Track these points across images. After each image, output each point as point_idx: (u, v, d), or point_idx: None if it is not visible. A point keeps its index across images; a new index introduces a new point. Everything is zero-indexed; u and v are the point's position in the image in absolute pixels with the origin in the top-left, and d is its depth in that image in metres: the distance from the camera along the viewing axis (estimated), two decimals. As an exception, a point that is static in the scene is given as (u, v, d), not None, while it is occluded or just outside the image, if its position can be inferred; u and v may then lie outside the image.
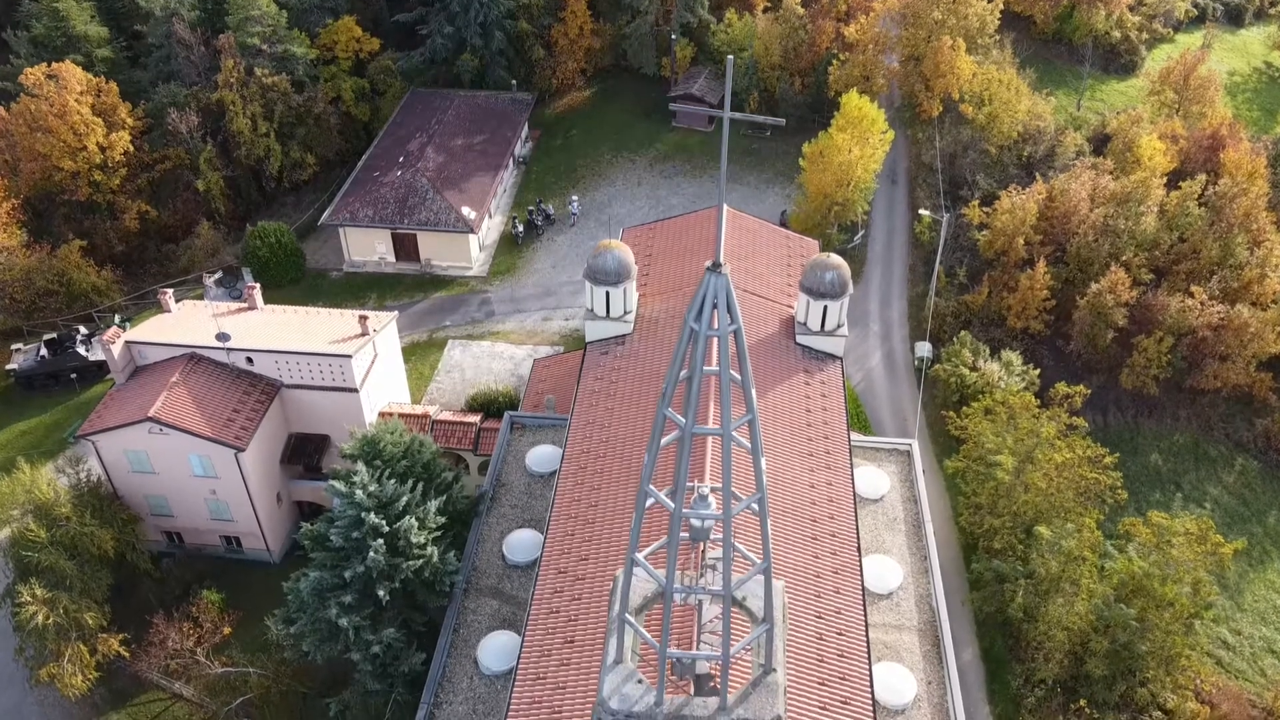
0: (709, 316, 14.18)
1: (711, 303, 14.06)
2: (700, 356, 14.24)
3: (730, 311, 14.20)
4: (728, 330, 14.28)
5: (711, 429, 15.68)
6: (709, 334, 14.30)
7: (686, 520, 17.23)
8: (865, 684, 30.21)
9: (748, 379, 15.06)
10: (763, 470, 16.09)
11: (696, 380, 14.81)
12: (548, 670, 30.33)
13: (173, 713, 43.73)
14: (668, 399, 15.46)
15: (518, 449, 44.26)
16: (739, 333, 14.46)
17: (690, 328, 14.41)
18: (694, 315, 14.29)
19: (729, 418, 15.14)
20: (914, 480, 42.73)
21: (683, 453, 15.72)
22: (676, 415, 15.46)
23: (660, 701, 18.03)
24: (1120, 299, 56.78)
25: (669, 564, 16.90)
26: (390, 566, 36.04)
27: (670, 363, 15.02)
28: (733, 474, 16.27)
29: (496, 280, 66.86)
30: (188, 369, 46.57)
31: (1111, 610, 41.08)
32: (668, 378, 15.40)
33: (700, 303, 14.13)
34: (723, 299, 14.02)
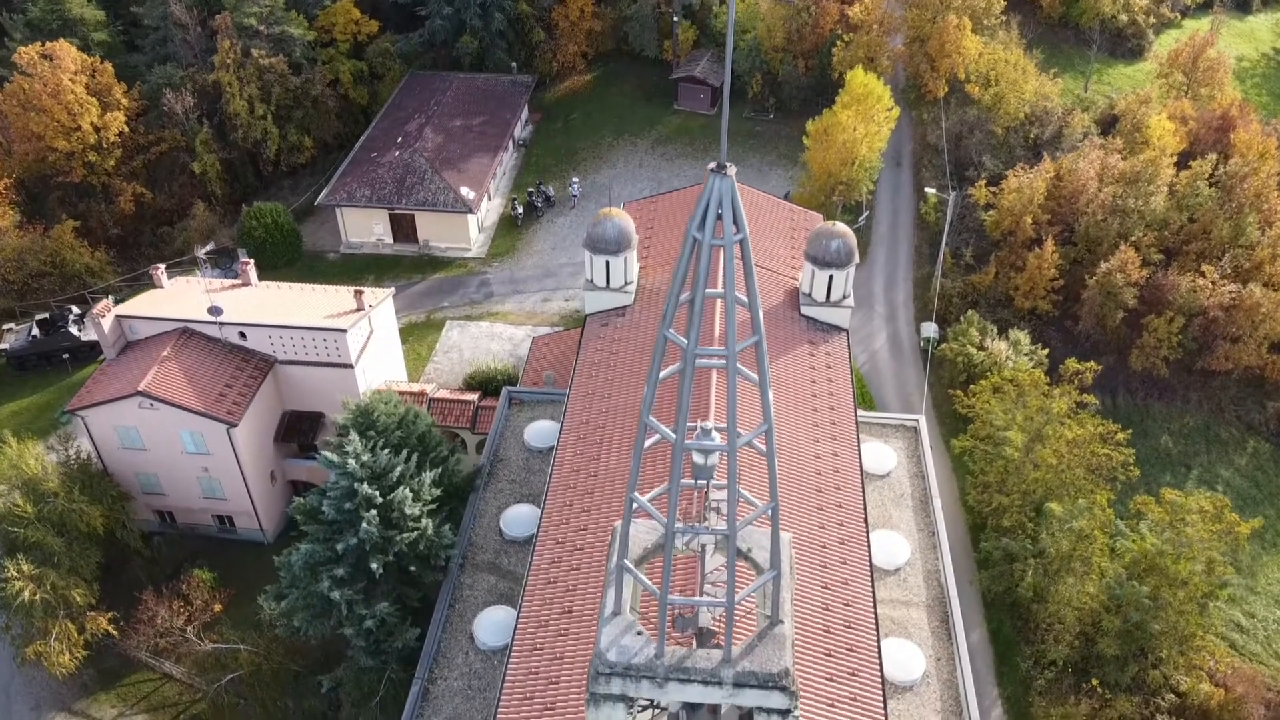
0: (713, 225, 13.21)
1: (716, 209, 13.10)
2: (704, 270, 13.29)
3: (736, 219, 13.23)
4: (733, 240, 13.33)
5: (715, 350, 14.67)
6: (713, 244, 13.34)
7: (689, 457, 16.28)
8: (873, 655, 29.24)
9: (754, 298, 14.09)
10: (770, 401, 15.13)
11: (699, 297, 13.84)
12: (545, 640, 29.37)
13: (162, 693, 42.79)
14: (668, 320, 14.50)
15: (516, 424, 43.30)
16: (745, 243, 13.50)
17: (693, 237, 13.45)
18: (696, 224, 13.32)
19: (733, 339, 14.17)
20: (921, 456, 41.72)
21: (685, 379, 14.75)
22: (678, 337, 14.49)
23: (661, 653, 17.07)
24: (1130, 278, 55.77)
25: (670, 502, 15.94)
26: (384, 539, 35.06)
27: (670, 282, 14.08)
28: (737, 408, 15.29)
29: (495, 261, 65.91)
30: (179, 344, 45.63)
31: (1124, 588, 40.06)
32: (668, 298, 14.45)
33: (704, 209, 13.16)
34: (728, 204, 13.04)
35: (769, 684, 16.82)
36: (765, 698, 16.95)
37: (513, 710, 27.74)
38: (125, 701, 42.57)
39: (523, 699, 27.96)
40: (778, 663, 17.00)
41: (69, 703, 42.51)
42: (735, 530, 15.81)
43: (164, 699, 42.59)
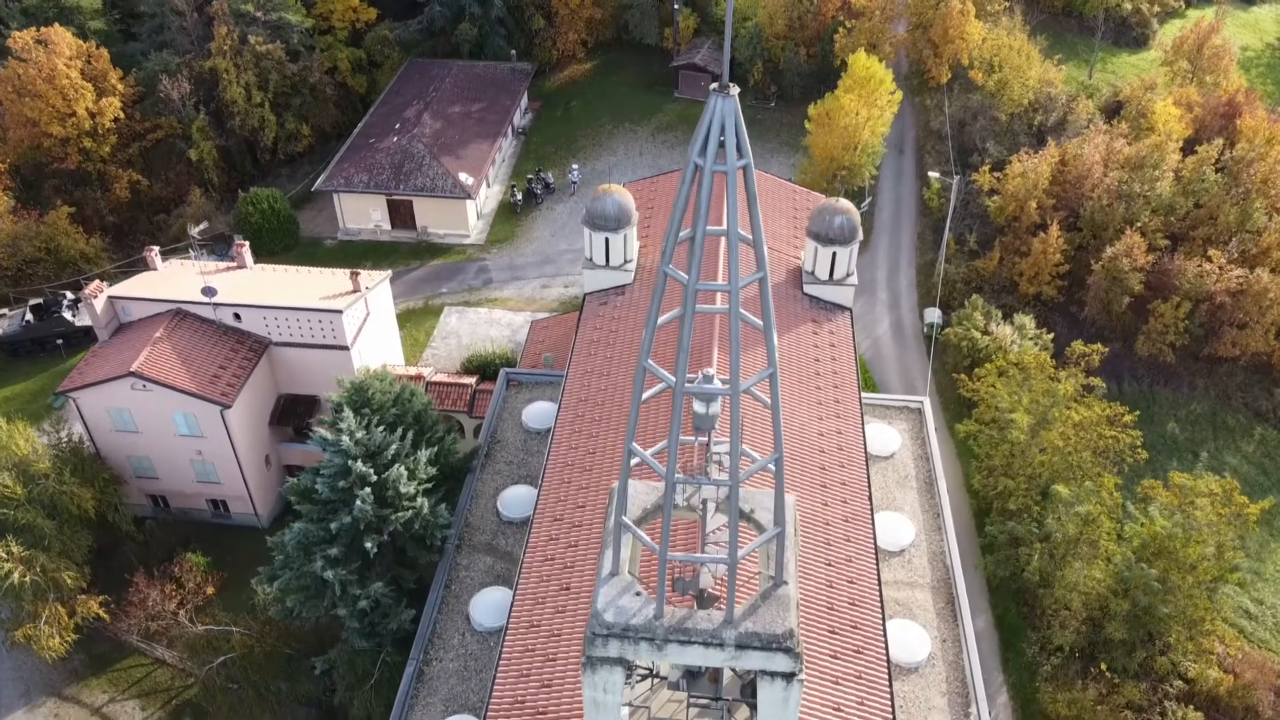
0: (714, 150, 12.53)
1: (718, 132, 12.43)
2: (706, 197, 12.61)
3: (740, 144, 12.56)
4: (736, 166, 12.67)
5: (718, 285, 13.98)
6: (715, 169, 12.65)
7: (689, 408, 15.62)
8: (879, 633, 28.55)
9: (758, 231, 13.42)
10: (774, 345, 14.45)
11: (700, 229, 13.17)
12: (542, 618, 28.70)
13: (154, 678, 42.13)
14: (668, 256, 13.83)
15: (514, 406, 42.64)
16: (749, 170, 12.83)
17: (694, 164, 12.78)
18: (697, 149, 12.65)
19: (736, 274, 13.49)
20: (926, 438, 41.04)
21: (686, 318, 14.07)
22: (678, 272, 13.82)
23: (660, 614, 16.39)
24: (1136, 263, 55.12)
25: (670, 450, 15.26)
26: (378, 518, 34.38)
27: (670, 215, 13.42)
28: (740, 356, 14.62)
29: (494, 248, 65.26)
30: (173, 325, 44.99)
31: (1133, 571, 39.36)
32: (667, 234, 13.79)
33: (705, 132, 12.49)
34: (730, 127, 12.37)
35: (773, 645, 16.15)
36: (769, 660, 16.29)
37: (509, 687, 27.07)
38: (116, 687, 41.90)
39: (519, 676, 27.29)
40: (782, 624, 16.33)
41: (59, 688, 41.84)
42: (738, 481, 15.15)
43: (155, 684, 41.93)
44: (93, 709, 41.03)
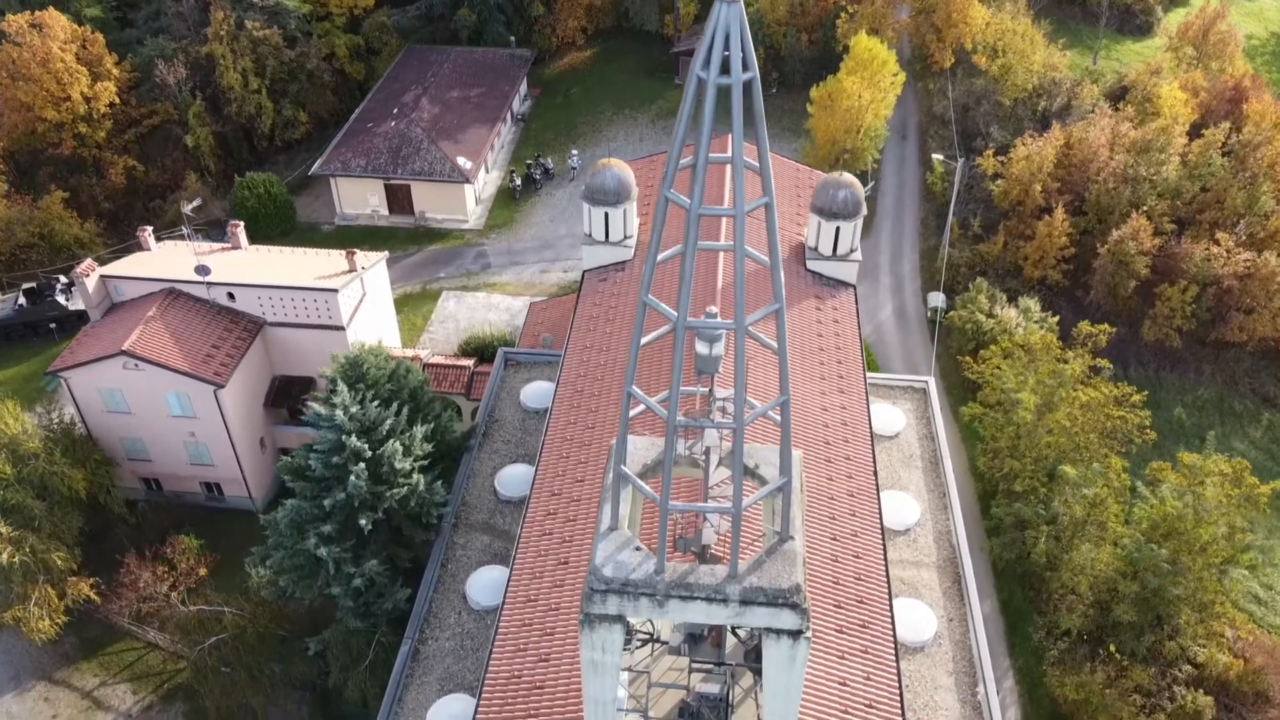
0: (719, 62, 11.85)
1: (723, 44, 11.73)
2: (710, 113, 11.92)
3: (746, 58, 11.88)
4: (741, 79, 11.99)
5: (722, 210, 13.28)
6: (719, 83, 11.96)
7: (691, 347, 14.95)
8: (885, 607, 27.87)
9: (764, 153, 12.72)
10: (781, 280, 13.77)
11: (704, 146, 12.48)
12: (539, 592, 28.01)
13: (146, 662, 41.43)
14: (669, 181, 13.14)
15: (512, 385, 41.95)
16: (754, 84, 12.17)
17: (697, 77, 12.10)
18: (701, 62, 11.96)
19: (742, 199, 12.80)
20: (931, 418, 40.35)
21: (689, 244, 13.38)
22: (679, 197, 13.13)
23: (661, 569, 15.71)
24: (1142, 246, 54.46)
25: (672, 392, 14.56)
26: (373, 495, 33.70)
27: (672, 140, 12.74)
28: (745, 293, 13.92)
29: (493, 233, 64.58)
30: (165, 304, 44.30)
31: (1142, 552, 38.64)
32: (668, 161, 13.10)
33: (709, 43, 11.81)
34: (736, 37, 11.68)
35: (779, 601, 15.47)
36: (774, 616, 15.61)
37: (505, 662, 26.38)
38: (108, 670, 41.21)
39: (516, 650, 26.61)
40: (788, 579, 15.65)
41: (49, 671, 41.14)
42: (743, 424, 14.45)
43: (148, 668, 41.24)
44: (83, 693, 40.35)
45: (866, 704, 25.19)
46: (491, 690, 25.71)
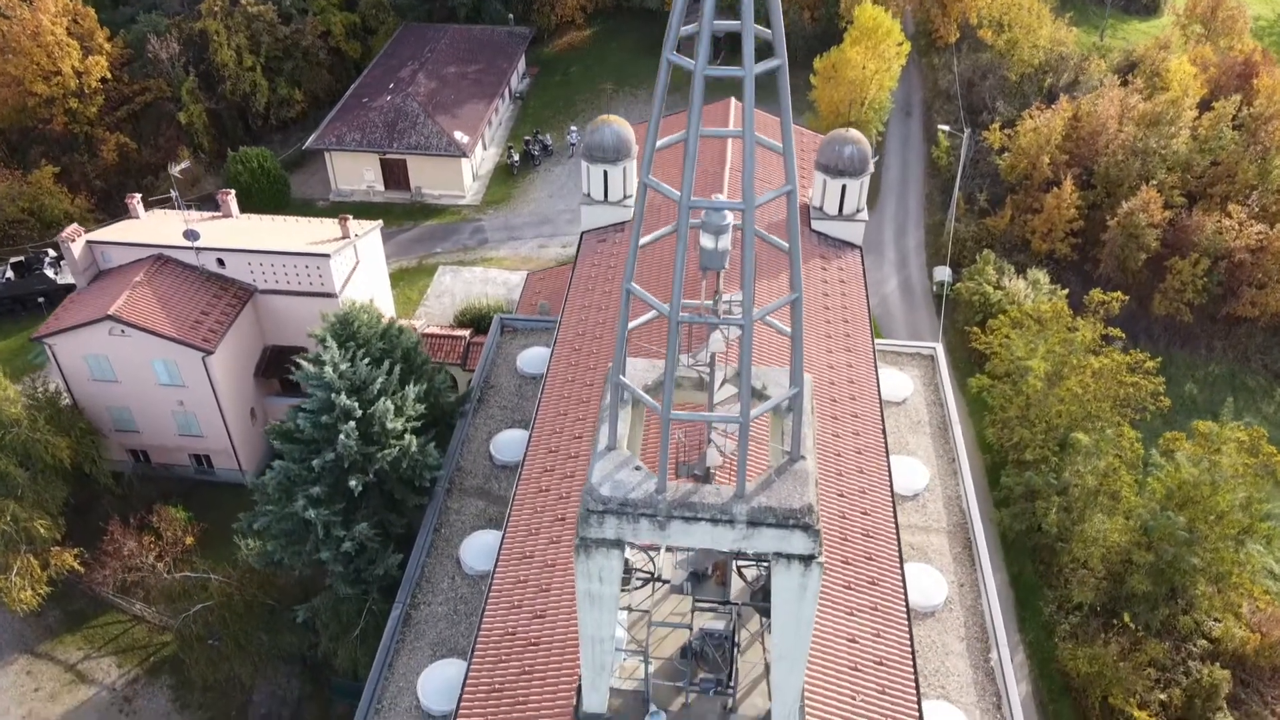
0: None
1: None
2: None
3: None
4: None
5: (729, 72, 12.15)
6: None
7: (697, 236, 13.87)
8: (894, 565, 26.77)
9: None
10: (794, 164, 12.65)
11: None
12: (536, 549, 26.91)
13: (131, 635, 40.28)
14: (670, 43, 12.07)
15: (508, 352, 40.83)
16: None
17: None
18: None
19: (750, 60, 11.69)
20: (939, 383, 39.22)
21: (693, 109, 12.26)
22: (682, 58, 12.02)
23: (663, 488, 14.60)
24: (1153, 219, 53.39)
25: (675, 285, 13.44)
26: (363, 456, 32.57)
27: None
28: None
29: (490, 209, 63.47)
30: (153, 270, 43.18)
31: (1158, 520, 37.49)
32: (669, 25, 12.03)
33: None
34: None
35: (789, 521, 14.36)
36: (784, 539, 14.50)
37: (499, 619, 25.28)
38: (92, 644, 40.07)
39: (510, 607, 25.50)
40: (799, 498, 14.54)
41: (32, 644, 40.00)
42: (751, 320, 13.33)
43: (133, 641, 40.10)
44: (66, 665, 39.20)
45: (876, 661, 24.10)
46: (485, 646, 24.61)
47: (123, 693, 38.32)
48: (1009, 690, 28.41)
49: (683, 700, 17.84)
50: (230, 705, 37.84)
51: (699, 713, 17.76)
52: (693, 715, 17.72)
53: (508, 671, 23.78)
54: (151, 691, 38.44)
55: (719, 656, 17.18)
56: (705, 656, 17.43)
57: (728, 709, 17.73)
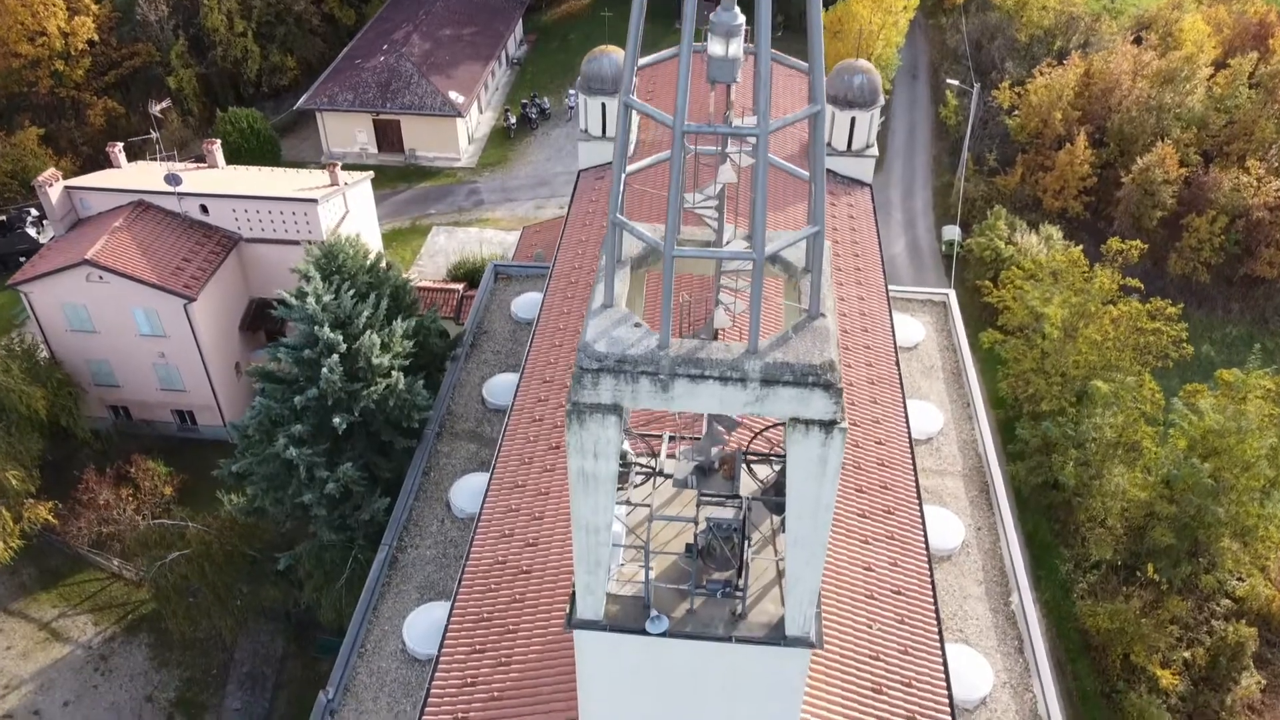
0: None
1: None
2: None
3: None
4: None
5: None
6: None
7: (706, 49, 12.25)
8: (912, 494, 25.14)
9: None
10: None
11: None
12: (529, 478, 25.28)
13: (109, 593, 38.63)
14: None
15: (503, 298, 39.18)
16: None
17: None
18: None
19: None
20: (952, 329, 37.61)
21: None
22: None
23: (666, 343, 12.96)
24: (1169, 175, 51.78)
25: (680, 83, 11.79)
26: (348, 394, 30.92)
27: None
28: None
29: (486, 171, 61.84)
30: (134, 215, 41.55)
31: (1182, 469, 35.81)
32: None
33: None
34: None
35: (809, 378, 12.72)
36: (803, 400, 12.87)
37: (489, 548, 23.63)
38: (67, 601, 38.41)
39: (500, 536, 23.85)
40: (820, 354, 12.91)
41: (4, 602, 38.33)
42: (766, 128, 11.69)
43: (110, 598, 38.45)
44: (41, 623, 37.55)
45: (894, 590, 22.45)
46: (473, 576, 22.96)
47: (99, 651, 36.69)
48: (1031, 633, 26.79)
49: (687, 606, 16.20)
50: (211, 663, 36.22)
51: (705, 619, 16.11)
52: (698, 621, 16.09)
53: (496, 601, 22.14)
54: (129, 650, 36.79)
55: (727, 551, 15.55)
56: (712, 553, 15.78)
57: (737, 615, 16.07)
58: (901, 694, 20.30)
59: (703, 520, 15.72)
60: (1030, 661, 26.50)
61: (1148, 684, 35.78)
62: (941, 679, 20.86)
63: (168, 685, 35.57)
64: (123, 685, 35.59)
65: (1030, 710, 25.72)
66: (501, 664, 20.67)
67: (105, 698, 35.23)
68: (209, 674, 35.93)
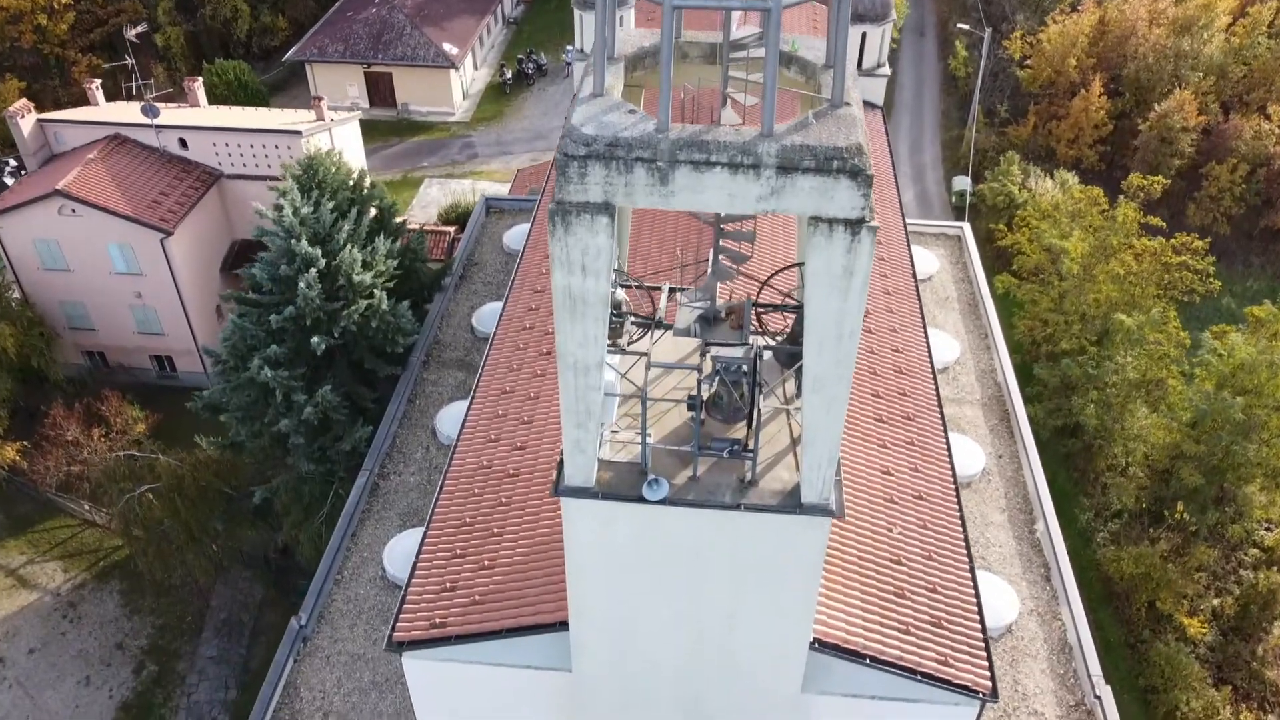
0: None
1: None
2: None
3: None
4: None
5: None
6: None
7: None
8: (932, 404, 23.27)
9: None
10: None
11: None
12: (517, 384, 23.39)
13: (80, 539, 36.74)
14: None
15: (494, 231, 37.29)
16: None
17: None
18: None
19: None
20: (967, 262, 35.71)
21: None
22: None
23: (665, 125, 11.08)
24: (1188, 122, 49.92)
25: None
26: (327, 314, 29.03)
27: None
28: None
29: (481, 126, 59.97)
30: (109, 148, 39.68)
31: (1212, 403, 33.88)
32: None
33: None
34: None
35: (833, 164, 10.84)
36: (826, 192, 10.98)
37: (473, 454, 21.73)
38: (36, 548, 36.53)
39: (486, 441, 21.95)
40: (845, 136, 11.03)
41: (-30, 548, 36.52)
42: None
43: (81, 545, 36.57)
44: (7, 570, 35.65)
45: (915, 496, 20.55)
46: (455, 481, 21.06)
47: (67, 598, 34.79)
48: (1059, 560, 24.91)
49: (690, 473, 14.33)
50: (186, 611, 34.33)
51: (710, 485, 14.24)
52: (702, 489, 14.22)
53: (480, 506, 20.25)
54: (99, 597, 34.90)
55: (736, 398, 13.65)
56: (719, 404, 13.90)
57: (746, 482, 14.20)
58: (926, 600, 18.40)
59: (708, 364, 13.80)
60: (1059, 590, 24.64)
61: (1175, 633, 33.92)
62: (969, 586, 18.95)
63: (139, 632, 33.68)
64: (92, 632, 33.70)
65: (1059, 638, 23.86)
66: (484, 568, 18.77)
67: (73, 645, 33.33)
68: (184, 621, 34.05)
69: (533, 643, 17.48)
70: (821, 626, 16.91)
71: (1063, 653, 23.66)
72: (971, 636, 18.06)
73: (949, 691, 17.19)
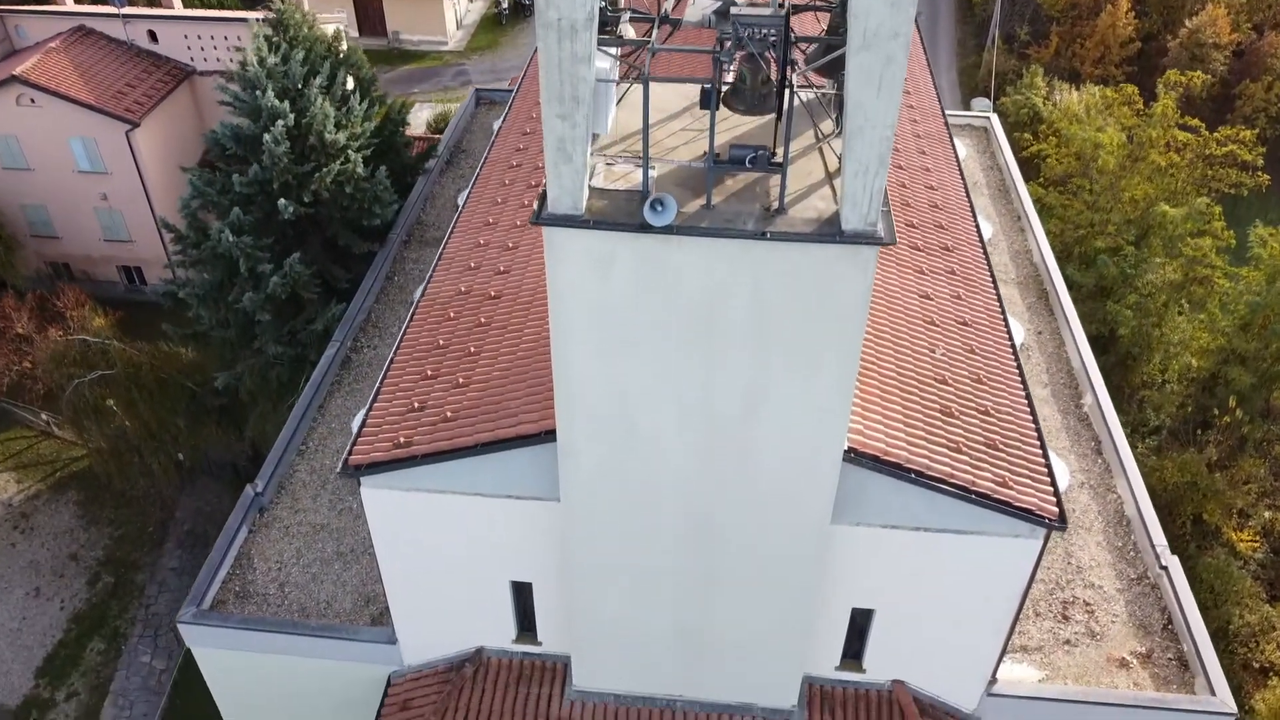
0: None
1: None
2: None
3: None
4: None
5: None
6: None
7: None
8: (971, 233, 20.59)
9: None
10: None
11: None
12: (500, 217, 20.72)
13: (37, 449, 34.05)
14: None
15: (484, 121, 34.64)
16: None
17: None
18: None
19: None
20: (996, 151, 33.00)
21: None
22: None
23: None
24: (1219, 39, 47.24)
25: None
26: (297, 179, 26.34)
27: None
28: None
29: (475, 55, 57.37)
30: (73, 38, 37.02)
31: (1265, 295, 31.13)
32: None
33: None
34: None
35: None
36: None
37: (450, 280, 19.06)
38: (-11, 460, 33.86)
39: (465, 270, 19.28)
40: None
41: (-84, 459, 33.84)
42: None
43: (38, 456, 33.87)
44: (-44, 481, 33.00)
45: (959, 321, 17.84)
46: (429, 306, 18.37)
47: (19, 509, 32.06)
48: (1112, 432, 22.18)
49: (701, 202, 11.63)
50: (148, 521, 31.61)
51: (728, 214, 11.55)
52: (718, 216, 11.53)
53: (456, 328, 17.55)
54: (54, 507, 32.18)
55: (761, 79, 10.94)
56: (741, 92, 11.19)
57: (771, 210, 11.50)
58: (979, 420, 15.69)
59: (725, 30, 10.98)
60: (1113, 462, 21.92)
61: (1224, 548, 31.15)
62: (1026, 411, 16.23)
63: (96, 544, 30.96)
64: (44, 543, 30.99)
65: (1115, 510, 21.17)
66: (458, 387, 16.08)
67: (23, 556, 30.62)
68: (144, 533, 31.32)
69: (514, 464, 14.80)
70: (857, 437, 14.21)
71: (1120, 525, 20.99)
72: (1032, 460, 15.35)
73: (1010, 517, 14.46)
